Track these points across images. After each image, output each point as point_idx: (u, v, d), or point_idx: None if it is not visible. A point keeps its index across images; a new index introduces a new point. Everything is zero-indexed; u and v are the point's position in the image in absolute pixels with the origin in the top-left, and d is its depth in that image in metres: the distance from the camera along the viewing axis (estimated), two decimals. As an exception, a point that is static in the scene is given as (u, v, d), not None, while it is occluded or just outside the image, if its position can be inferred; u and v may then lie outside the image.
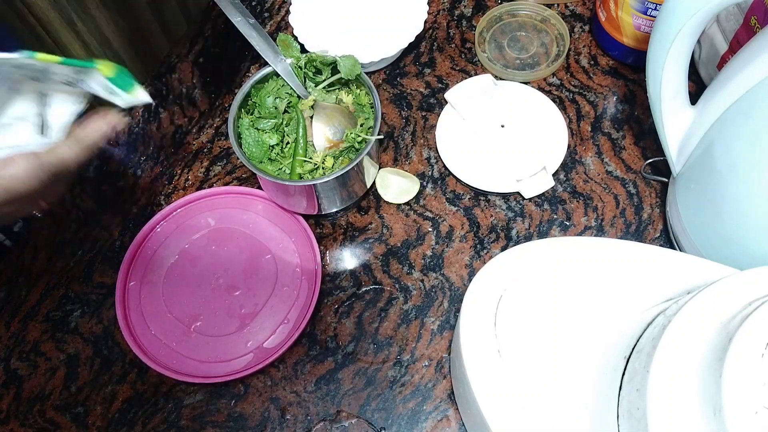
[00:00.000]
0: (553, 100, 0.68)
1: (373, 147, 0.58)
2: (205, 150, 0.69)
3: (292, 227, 0.63)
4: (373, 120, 0.59)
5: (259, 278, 0.61)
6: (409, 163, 0.67)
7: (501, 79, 0.70)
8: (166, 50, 0.72)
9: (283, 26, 0.76)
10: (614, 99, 0.69)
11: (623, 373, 0.40)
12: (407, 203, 0.65)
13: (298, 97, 0.60)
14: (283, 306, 0.59)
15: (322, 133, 0.59)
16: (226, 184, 0.66)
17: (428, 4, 0.71)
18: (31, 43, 0.82)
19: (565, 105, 0.69)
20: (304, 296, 0.60)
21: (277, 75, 0.58)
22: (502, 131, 0.66)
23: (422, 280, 0.61)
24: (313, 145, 0.59)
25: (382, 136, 0.68)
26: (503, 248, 0.62)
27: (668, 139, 0.54)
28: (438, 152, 0.66)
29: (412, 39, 0.68)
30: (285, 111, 0.61)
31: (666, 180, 0.61)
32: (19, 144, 0.41)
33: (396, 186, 0.65)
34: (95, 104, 0.44)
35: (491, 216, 0.64)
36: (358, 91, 0.61)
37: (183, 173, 0.67)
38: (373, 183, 0.65)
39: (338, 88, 0.62)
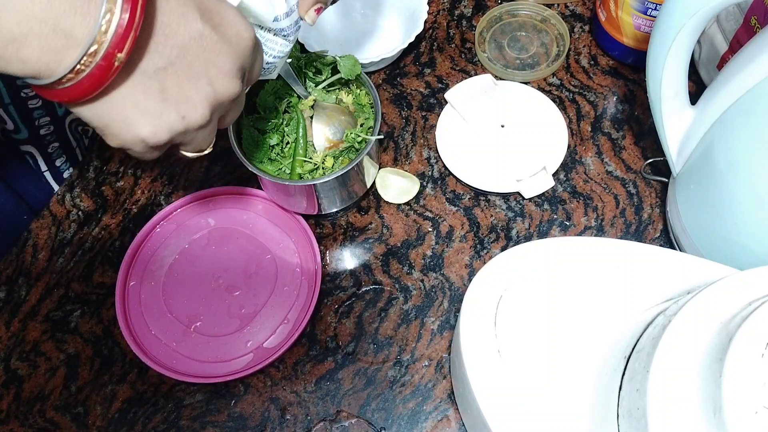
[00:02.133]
0: (553, 100, 0.68)
1: (373, 147, 0.58)
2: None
3: (292, 227, 0.63)
4: (373, 120, 0.59)
5: (259, 278, 0.61)
6: (409, 163, 0.67)
7: (501, 79, 0.70)
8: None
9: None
10: (614, 99, 0.69)
11: (623, 373, 0.40)
12: (407, 203, 0.65)
13: (298, 97, 0.60)
14: (283, 306, 0.59)
15: (322, 133, 0.59)
16: (226, 184, 0.66)
17: (428, 4, 0.71)
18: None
19: (565, 105, 0.69)
20: (304, 296, 0.60)
21: (278, 75, 0.58)
22: (502, 131, 0.66)
23: (422, 280, 0.61)
24: (313, 145, 0.59)
25: (382, 136, 0.68)
26: (503, 248, 0.62)
27: (668, 139, 0.54)
28: (438, 152, 0.66)
29: (412, 39, 0.68)
30: (285, 111, 0.61)
31: (666, 180, 0.61)
32: (280, 53, 0.48)
33: (396, 186, 0.65)
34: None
35: (491, 216, 0.64)
36: (358, 91, 0.61)
37: (183, 173, 0.67)
38: (373, 183, 0.65)
39: (338, 88, 0.62)
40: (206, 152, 0.42)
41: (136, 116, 0.35)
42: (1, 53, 0.30)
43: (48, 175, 0.67)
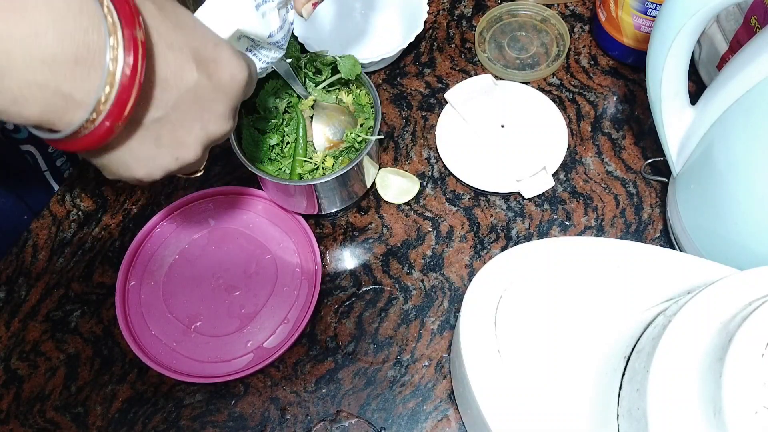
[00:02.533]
0: (553, 100, 0.68)
1: (373, 147, 0.58)
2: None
3: (292, 227, 0.63)
4: (373, 120, 0.59)
5: (259, 278, 0.61)
6: (409, 163, 0.67)
7: (501, 79, 0.70)
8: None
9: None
10: (614, 99, 0.69)
11: (623, 373, 0.40)
12: (407, 203, 0.65)
13: (298, 97, 0.60)
14: (283, 306, 0.59)
15: (322, 133, 0.59)
16: (226, 184, 0.66)
17: (428, 4, 0.71)
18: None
19: (565, 105, 0.69)
20: (304, 296, 0.60)
21: (277, 75, 0.58)
22: (502, 131, 0.66)
23: (422, 280, 0.61)
24: (313, 145, 0.59)
25: (382, 136, 0.68)
26: (503, 248, 0.62)
27: (668, 139, 0.54)
28: (438, 152, 0.66)
29: (412, 39, 0.68)
30: (285, 111, 0.61)
31: (666, 180, 0.61)
32: (273, 59, 0.49)
33: (396, 186, 0.65)
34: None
35: (491, 216, 0.64)
36: (358, 91, 0.61)
37: (183, 173, 0.67)
38: (373, 183, 0.65)
39: (338, 88, 0.62)
40: (198, 174, 0.44)
41: (132, 161, 0.37)
42: (5, 110, 0.31)
43: (48, 175, 0.67)
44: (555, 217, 0.64)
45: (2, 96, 0.30)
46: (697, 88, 0.68)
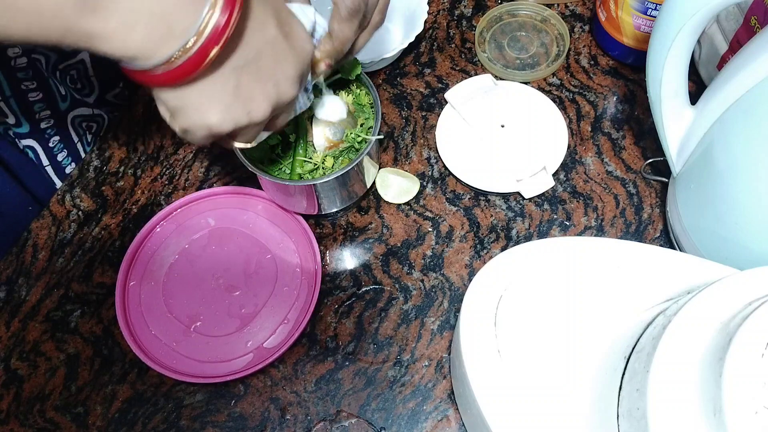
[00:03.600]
0: (553, 100, 0.68)
1: (373, 147, 0.58)
2: (205, 150, 0.69)
3: (292, 227, 0.63)
4: (373, 120, 0.59)
5: (259, 278, 0.61)
6: (409, 163, 0.67)
7: (501, 79, 0.70)
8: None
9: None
10: (614, 99, 0.69)
11: (623, 373, 0.40)
12: (407, 203, 0.65)
13: (298, 97, 0.60)
14: (283, 306, 0.59)
15: (322, 133, 0.59)
16: (226, 184, 0.66)
17: (428, 4, 0.71)
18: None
19: (565, 105, 0.69)
20: (304, 296, 0.60)
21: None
22: (502, 131, 0.66)
23: (422, 280, 0.61)
24: (313, 145, 0.59)
25: (382, 136, 0.68)
26: (503, 248, 0.62)
27: (668, 139, 0.54)
28: (438, 152, 0.66)
29: (412, 39, 0.68)
30: (285, 111, 0.61)
31: (666, 180, 0.61)
32: (303, 106, 0.50)
33: (396, 186, 0.65)
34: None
35: (491, 216, 0.64)
36: (358, 91, 0.61)
37: (183, 173, 0.67)
38: (373, 183, 0.65)
39: (338, 88, 0.61)
40: (251, 145, 0.46)
41: (209, 106, 0.39)
42: (111, 35, 0.34)
43: (49, 170, 0.67)
44: (555, 217, 0.64)
45: (115, 16, 0.33)
46: (697, 88, 0.68)
